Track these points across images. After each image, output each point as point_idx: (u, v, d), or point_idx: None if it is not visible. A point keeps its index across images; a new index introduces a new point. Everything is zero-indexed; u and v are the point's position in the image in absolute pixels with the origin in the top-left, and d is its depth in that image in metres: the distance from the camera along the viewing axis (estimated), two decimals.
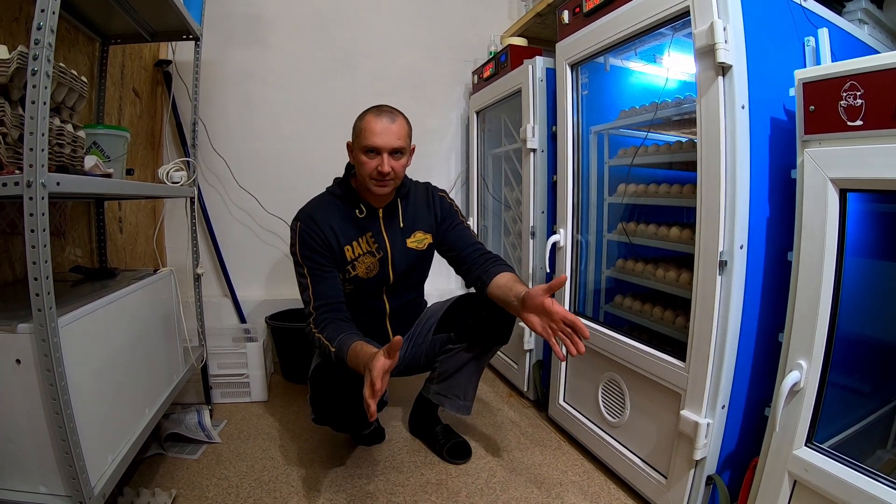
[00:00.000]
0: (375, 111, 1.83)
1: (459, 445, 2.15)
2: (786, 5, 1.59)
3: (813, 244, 1.29)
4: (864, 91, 1.18)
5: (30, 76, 1.09)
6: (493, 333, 1.95)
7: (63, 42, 1.96)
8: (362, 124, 1.82)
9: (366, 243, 1.94)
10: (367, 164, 1.81)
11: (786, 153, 1.50)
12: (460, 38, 3.54)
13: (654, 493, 1.76)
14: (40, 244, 1.11)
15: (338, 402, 1.78)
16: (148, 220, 2.84)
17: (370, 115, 1.82)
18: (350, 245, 1.92)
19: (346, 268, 1.93)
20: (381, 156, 1.80)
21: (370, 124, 1.80)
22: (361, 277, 1.96)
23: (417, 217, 2.04)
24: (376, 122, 1.80)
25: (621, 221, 2.21)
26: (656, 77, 2.28)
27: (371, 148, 1.79)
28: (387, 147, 1.79)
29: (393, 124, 1.81)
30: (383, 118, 1.81)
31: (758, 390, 1.59)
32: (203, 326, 2.40)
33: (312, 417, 1.85)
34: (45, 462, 1.22)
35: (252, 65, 3.15)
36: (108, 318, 1.52)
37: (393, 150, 1.81)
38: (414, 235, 2.02)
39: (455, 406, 2.08)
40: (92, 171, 1.47)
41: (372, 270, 1.96)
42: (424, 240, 2.04)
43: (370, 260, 1.95)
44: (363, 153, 1.81)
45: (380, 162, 1.80)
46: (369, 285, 1.99)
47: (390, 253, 1.97)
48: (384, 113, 1.83)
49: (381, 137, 1.78)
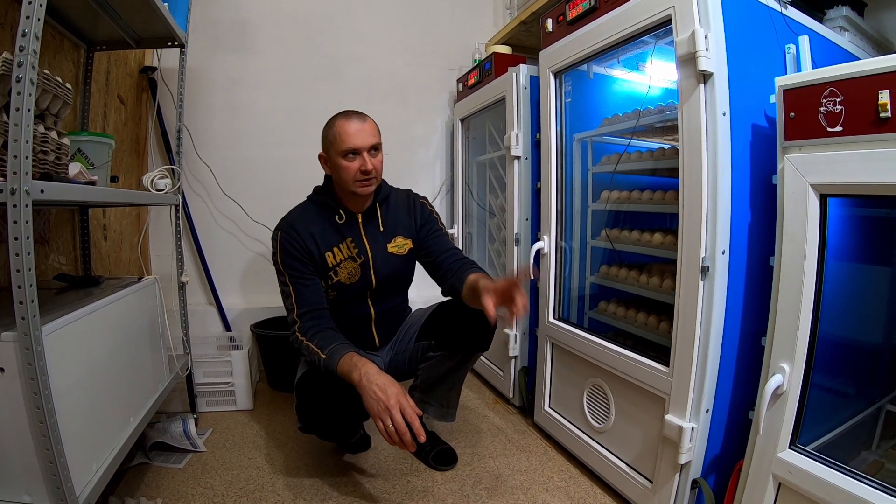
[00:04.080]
0: (344, 116, 1.86)
1: (445, 452, 2.15)
2: (767, 13, 1.61)
3: (794, 249, 1.31)
4: (843, 97, 1.20)
5: (14, 83, 1.08)
6: (472, 340, 1.95)
7: (48, 48, 1.95)
8: (335, 130, 1.83)
9: (346, 248, 1.95)
10: (348, 168, 1.82)
11: (767, 159, 1.52)
12: (445, 45, 3.56)
13: (640, 498, 1.76)
14: (24, 252, 1.10)
15: (324, 410, 1.80)
16: (132, 227, 2.82)
17: (340, 121, 1.84)
18: (331, 251, 1.93)
19: (328, 274, 1.93)
20: (361, 155, 1.82)
21: (344, 128, 1.82)
22: (344, 283, 1.96)
23: (398, 222, 2.05)
24: (349, 124, 1.82)
25: (605, 228, 2.22)
26: (639, 84, 2.30)
27: (350, 150, 1.81)
28: (365, 145, 1.82)
29: (365, 124, 1.84)
30: (354, 120, 1.84)
31: (741, 394, 1.61)
32: (188, 334, 2.39)
33: (299, 426, 1.86)
34: (30, 471, 1.21)
35: (238, 71, 3.14)
36: (93, 327, 1.51)
37: (371, 147, 1.84)
38: (395, 240, 2.03)
39: (438, 413, 2.09)
40: (76, 179, 1.46)
41: (354, 276, 1.96)
42: (405, 245, 2.05)
43: (351, 265, 1.95)
44: (342, 157, 1.82)
45: (362, 162, 1.82)
46: (352, 291, 1.98)
47: (371, 257, 1.97)
48: (353, 115, 1.86)
49: (357, 137, 1.81)
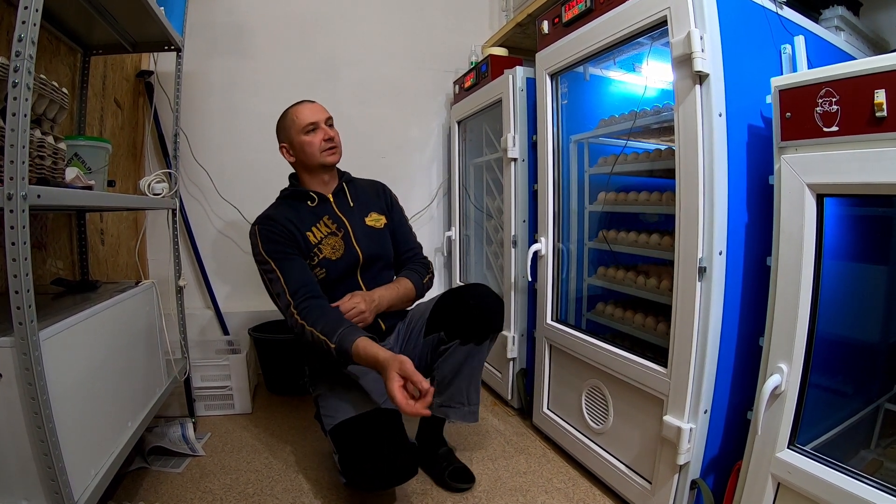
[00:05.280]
0: (294, 105, 2.05)
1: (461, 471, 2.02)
2: (762, 14, 1.62)
3: (791, 249, 1.31)
4: (839, 97, 1.20)
5: (10, 88, 1.08)
6: (484, 322, 1.89)
7: (44, 53, 1.94)
8: (290, 116, 2.02)
9: (324, 226, 2.01)
10: (312, 141, 1.97)
11: (763, 160, 1.52)
12: (441, 47, 3.56)
13: (639, 499, 1.76)
14: (21, 257, 1.10)
15: (375, 453, 1.68)
16: (130, 231, 2.82)
17: (293, 108, 2.03)
18: (310, 231, 1.98)
19: (313, 251, 1.96)
20: (321, 127, 1.99)
21: (299, 111, 2.01)
22: (330, 259, 1.97)
23: (367, 200, 2.16)
24: (301, 107, 2.02)
25: (602, 229, 2.22)
26: (635, 86, 2.31)
27: (310, 123, 1.97)
28: (322, 118, 2.00)
29: (315, 103, 2.05)
30: (305, 103, 2.04)
31: (740, 394, 1.61)
32: (186, 339, 2.38)
33: (344, 482, 1.75)
34: (28, 476, 1.21)
35: (234, 75, 3.14)
36: (90, 331, 1.50)
37: (327, 120, 2.02)
38: (370, 215, 2.12)
39: (461, 414, 1.98)
40: (73, 184, 1.46)
41: (338, 250, 1.99)
42: (380, 219, 2.14)
43: (333, 240, 2.00)
44: (304, 134, 1.98)
45: (324, 132, 1.98)
46: (340, 266, 1.99)
47: (351, 229, 2.03)
48: (303, 101, 2.06)
49: (313, 114, 2.00)
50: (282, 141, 2.07)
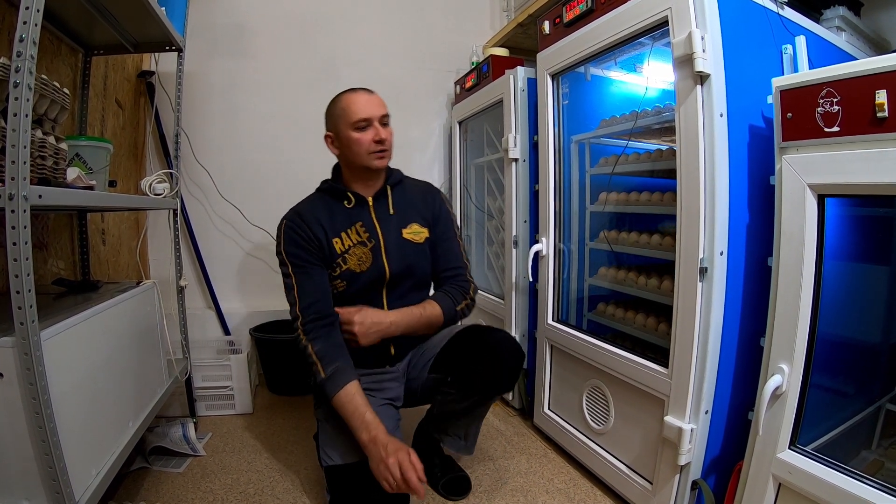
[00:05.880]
0: (350, 91, 1.82)
1: (459, 480, 1.99)
2: (763, 14, 1.62)
3: (792, 249, 1.31)
4: (840, 98, 1.20)
5: (12, 88, 1.08)
6: (493, 385, 1.77)
7: (45, 53, 1.95)
8: (342, 105, 1.79)
9: (355, 234, 1.83)
10: (362, 139, 1.76)
11: (764, 160, 1.52)
12: (442, 48, 3.56)
13: (640, 499, 1.76)
14: (22, 257, 1.10)
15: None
16: (131, 231, 2.82)
17: (347, 95, 1.81)
18: (339, 237, 1.81)
19: (337, 261, 1.80)
20: (373, 125, 1.77)
21: (353, 100, 1.78)
22: (354, 271, 1.81)
23: (412, 208, 1.94)
24: (357, 96, 1.79)
25: (603, 230, 2.22)
26: (636, 86, 2.31)
27: (362, 119, 1.75)
28: (377, 115, 1.77)
29: (373, 95, 1.81)
30: (360, 93, 1.81)
31: (741, 395, 1.61)
32: (187, 339, 2.39)
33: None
34: (29, 476, 1.21)
35: (235, 75, 3.15)
36: (91, 331, 1.51)
37: (382, 117, 1.79)
38: (410, 226, 1.90)
39: (455, 445, 1.95)
40: (74, 184, 1.46)
41: (364, 262, 1.82)
42: (421, 233, 1.92)
43: (361, 250, 1.82)
44: (353, 130, 1.76)
45: (375, 132, 1.76)
46: (364, 280, 1.83)
47: (383, 241, 1.85)
48: (359, 89, 1.82)
49: (368, 107, 1.76)
50: (328, 129, 1.86)
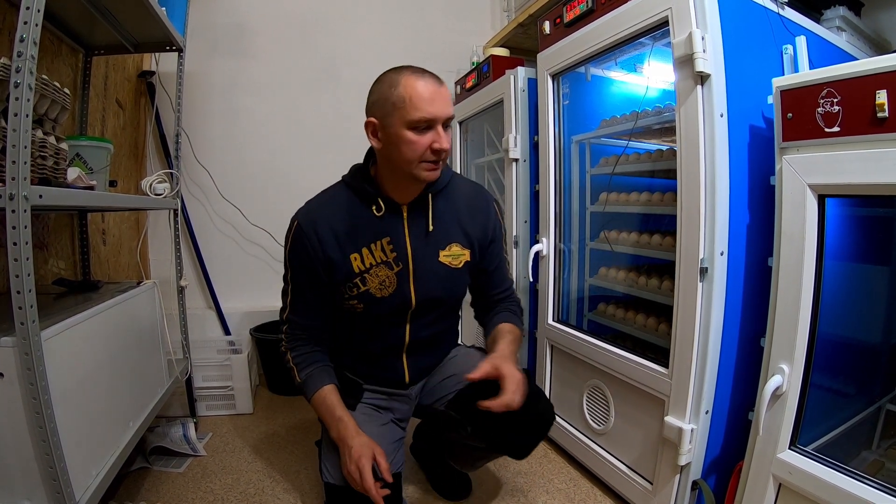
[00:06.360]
0: (413, 72, 1.39)
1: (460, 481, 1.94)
2: (764, 14, 1.62)
3: (792, 249, 1.31)
4: (841, 98, 1.20)
5: (12, 88, 1.08)
6: (521, 451, 1.54)
7: (46, 53, 1.95)
8: (402, 93, 1.36)
9: (380, 251, 1.52)
10: (417, 144, 1.37)
11: (764, 160, 1.52)
12: (443, 48, 3.55)
13: (641, 499, 1.76)
14: (23, 257, 1.10)
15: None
16: (131, 231, 2.82)
17: (412, 78, 1.37)
18: (359, 253, 1.51)
19: (354, 280, 1.51)
20: (435, 129, 1.38)
21: (417, 90, 1.35)
22: (374, 295, 1.53)
23: (455, 224, 1.59)
24: (424, 85, 1.36)
25: (603, 230, 2.22)
26: (637, 86, 2.30)
27: (425, 119, 1.35)
28: (442, 116, 1.37)
29: (442, 87, 1.40)
30: (429, 81, 1.38)
31: (741, 395, 1.61)
32: (187, 339, 2.39)
33: None
34: (29, 476, 1.21)
35: (235, 75, 3.15)
36: (92, 331, 1.51)
37: (447, 119, 1.40)
38: (449, 248, 1.58)
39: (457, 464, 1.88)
40: (75, 184, 1.46)
41: (387, 287, 1.53)
42: (461, 256, 1.59)
43: (385, 273, 1.52)
44: (409, 129, 1.36)
45: (436, 136, 1.38)
46: (385, 307, 1.55)
47: (412, 266, 1.54)
48: (427, 74, 1.40)
49: (436, 104, 1.36)
50: (373, 115, 1.45)
